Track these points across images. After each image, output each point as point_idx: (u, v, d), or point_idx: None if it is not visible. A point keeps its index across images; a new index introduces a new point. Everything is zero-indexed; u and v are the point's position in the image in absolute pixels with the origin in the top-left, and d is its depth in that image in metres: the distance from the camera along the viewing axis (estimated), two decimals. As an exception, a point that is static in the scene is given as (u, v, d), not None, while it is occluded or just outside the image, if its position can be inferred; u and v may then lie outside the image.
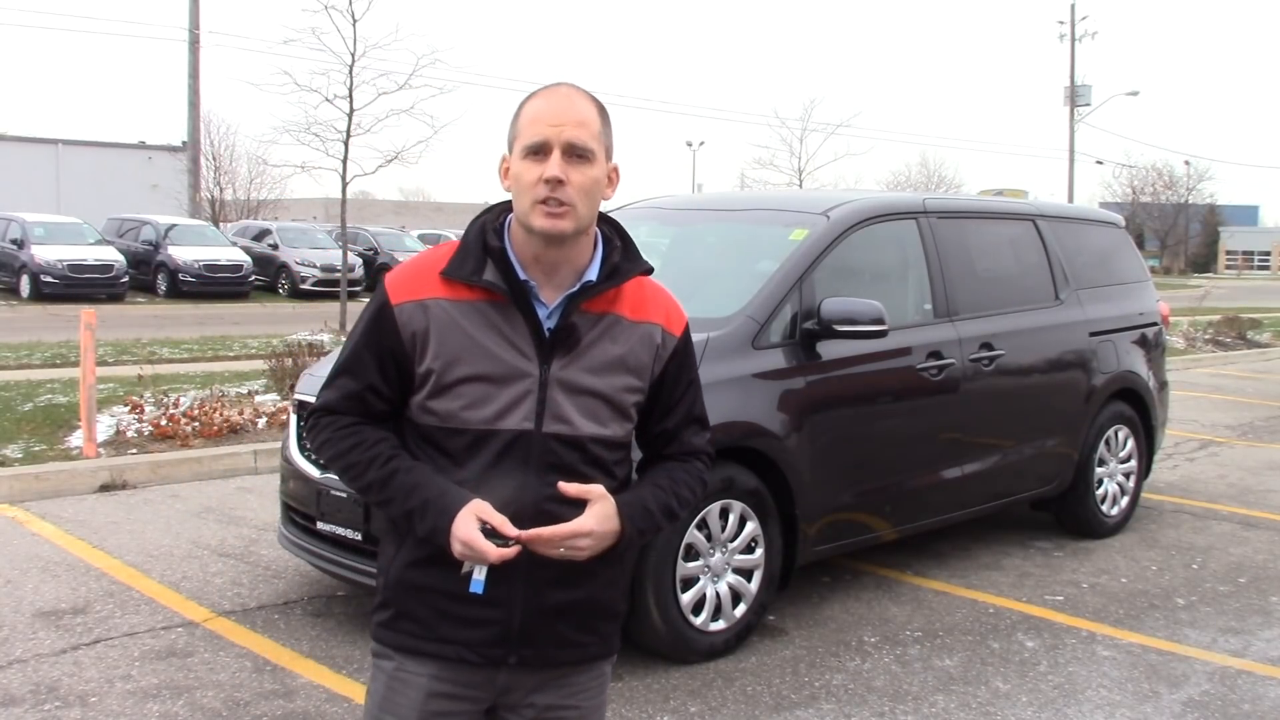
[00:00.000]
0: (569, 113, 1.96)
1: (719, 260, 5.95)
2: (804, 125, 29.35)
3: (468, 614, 2.00)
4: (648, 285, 2.13)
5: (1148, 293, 7.46)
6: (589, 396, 2.02)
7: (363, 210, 49.50)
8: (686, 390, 2.17)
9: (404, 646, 2.05)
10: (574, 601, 2.04)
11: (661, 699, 4.28)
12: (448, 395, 1.99)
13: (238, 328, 18.94)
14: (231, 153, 40.80)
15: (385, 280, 2.05)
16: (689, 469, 2.16)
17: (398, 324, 1.99)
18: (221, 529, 6.46)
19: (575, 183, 1.94)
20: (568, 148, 1.94)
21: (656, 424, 2.15)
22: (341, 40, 13.32)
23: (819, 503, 5.04)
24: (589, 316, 2.02)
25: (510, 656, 2.03)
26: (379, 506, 2.06)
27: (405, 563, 2.04)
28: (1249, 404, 12.70)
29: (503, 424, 1.98)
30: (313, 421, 2.10)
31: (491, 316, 1.99)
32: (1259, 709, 4.31)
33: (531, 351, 1.99)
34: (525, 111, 2.00)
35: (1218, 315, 21.72)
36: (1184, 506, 7.59)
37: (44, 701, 4.11)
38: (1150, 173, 73.96)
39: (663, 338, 2.10)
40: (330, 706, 4.15)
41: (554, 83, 2.06)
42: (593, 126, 1.98)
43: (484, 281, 1.98)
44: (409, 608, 2.04)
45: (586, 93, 2.02)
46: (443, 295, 1.99)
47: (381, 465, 2.00)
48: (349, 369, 2.06)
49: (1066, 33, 48.50)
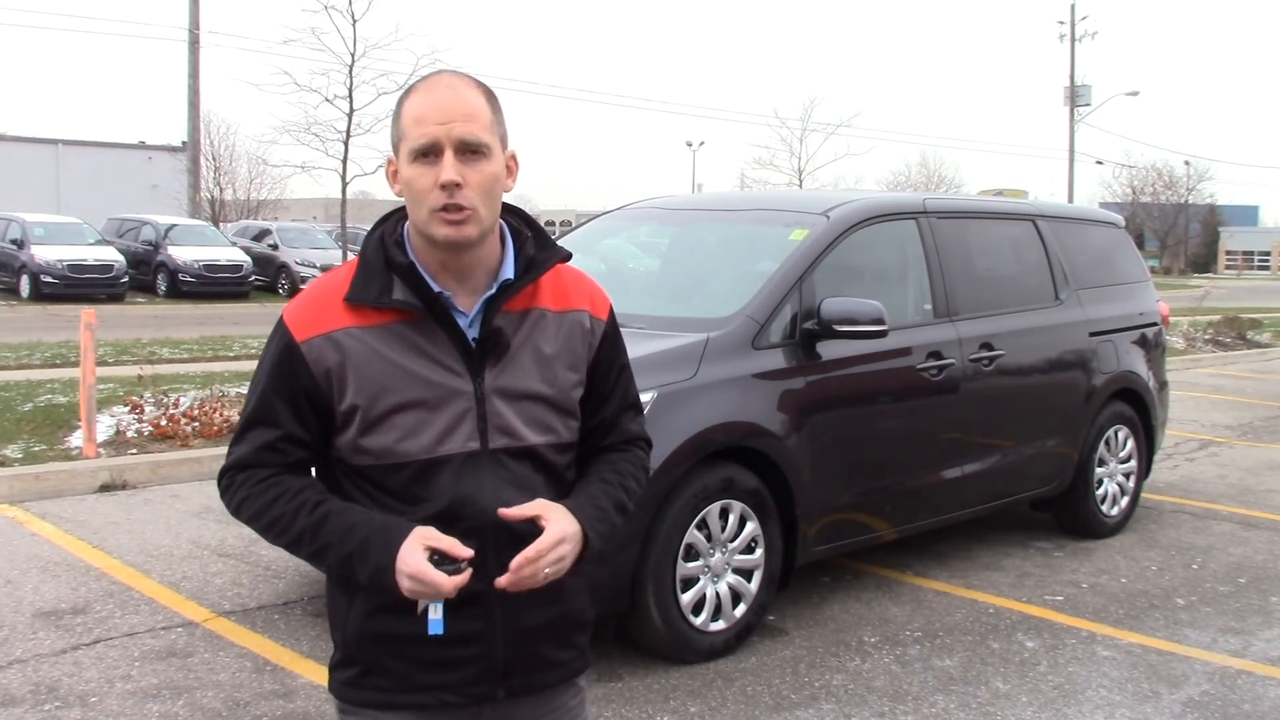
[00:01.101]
0: (456, 106, 1.78)
1: (719, 260, 5.95)
2: (804, 125, 29.48)
3: (446, 656, 1.84)
4: (565, 272, 1.97)
5: (1148, 293, 7.46)
6: (531, 401, 1.88)
7: (363, 210, 49.39)
8: (620, 376, 2.03)
9: (376, 703, 1.89)
10: (552, 619, 1.92)
11: (661, 699, 4.28)
12: (379, 430, 1.81)
13: (238, 328, 18.93)
14: (231, 153, 40.85)
15: (284, 316, 1.86)
16: (631, 458, 2.04)
17: (308, 362, 1.81)
18: (221, 529, 6.46)
19: (473, 183, 1.78)
20: (460, 145, 1.77)
21: (594, 415, 2.00)
22: (341, 40, 13.38)
23: (819, 503, 5.04)
24: (512, 316, 1.87)
25: (498, 690, 1.89)
26: (313, 559, 1.86)
27: (365, 612, 1.86)
28: (1249, 404, 12.70)
29: (444, 449, 1.82)
30: (226, 481, 1.90)
31: (410, 337, 1.82)
32: (1259, 709, 4.31)
33: (460, 366, 1.83)
34: (407, 109, 1.81)
35: (1218, 315, 21.72)
36: (1184, 506, 7.59)
37: (44, 701, 4.11)
38: (1150, 173, 73.99)
39: (591, 323, 1.96)
40: (330, 707, 4.14)
41: (433, 73, 1.88)
42: (483, 118, 1.81)
43: (394, 301, 1.81)
44: (377, 661, 1.87)
45: (472, 79, 1.85)
46: (352, 324, 1.81)
47: (310, 511, 1.82)
48: (260, 419, 1.86)
49: (1066, 33, 48.58)
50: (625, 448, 2.05)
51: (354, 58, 13.04)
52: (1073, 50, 48.44)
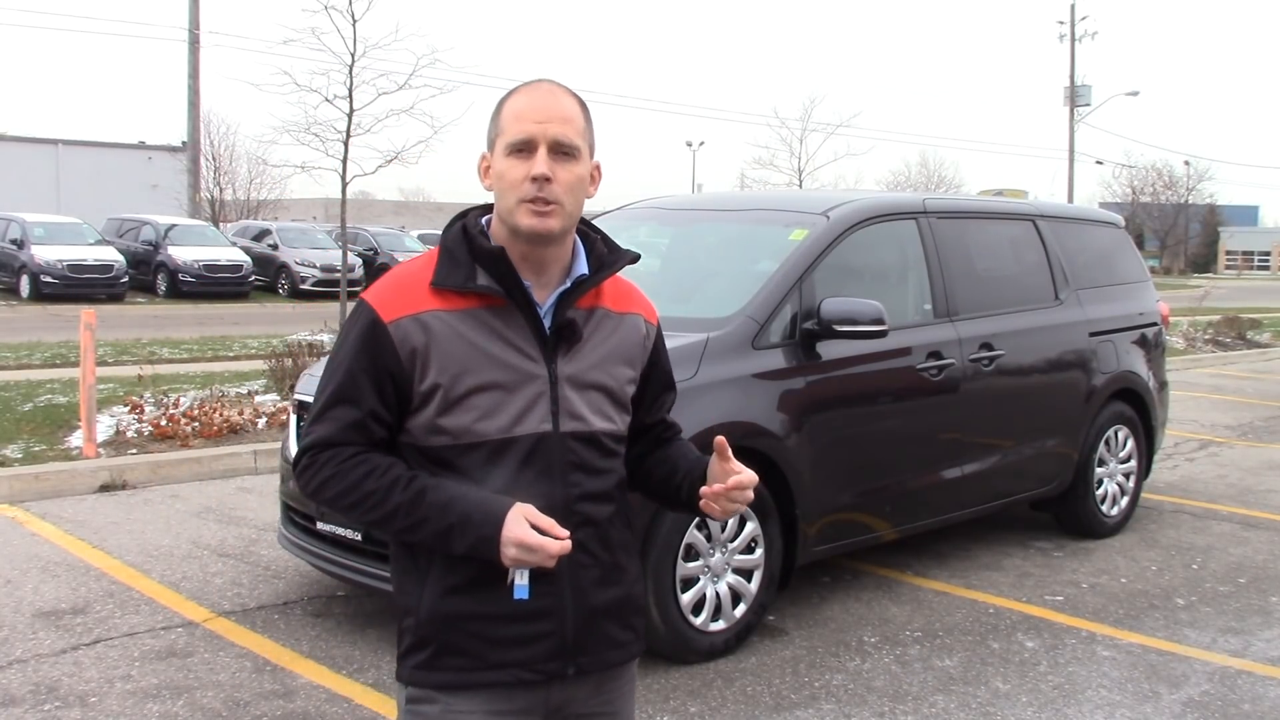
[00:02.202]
0: (554, 109, 1.92)
1: (719, 260, 5.95)
2: (804, 125, 29.37)
3: (520, 633, 1.92)
4: (620, 279, 2.10)
5: (1148, 293, 7.46)
6: (595, 391, 1.99)
7: (363, 210, 49.49)
8: (667, 378, 2.20)
9: (451, 684, 1.94)
10: (615, 600, 2.02)
11: (661, 699, 4.28)
12: (458, 410, 1.90)
13: (238, 328, 18.94)
14: (231, 153, 40.80)
15: (367, 299, 1.94)
16: (691, 447, 2.20)
17: (394, 340, 1.89)
18: (221, 529, 6.46)
19: (562, 180, 1.90)
20: (554, 145, 1.89)
21: (651, 412, 2.16)
22: (341, 40, 13.27)
23: (819, 503, 5.04)
24: (580, 312, 2.00)
25: (568, 667, 1.96)
26: (405, 533, 1.91)
27: (439, 593, 1.93)
28: (1249, 404, 12.70)
29: (520, 429, 1.92)
30: (308, 460, 1.94)
31: (492, 322, 1.92)
32: (1259, 709, 4.31)
33: (537, 352, 1.94)
34: (508, 108, 1.94)
35: (1218, 315, 21.71)
36: (1184, 506, 7.59)
37: (44, 701, 4.11)
38: (1150, 173, 73.98)
39: (646, 328, 2.11)
40: (330, 706, 4.15)
41: (535, 79, 2.00)
42: (577, 123, 1.94)
43: (479, 287, 1.91)
44: (453, 641, 1.93)
45: (569, 89, 1.97)
46: (438, 307, 1.91)
47: (404, 487, 1.88)
48: (345, 397, 1.92)
49: (1066, 33, 48.54)
50: (680, 440, 2.22)
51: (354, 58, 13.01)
52: (1073, 50, 48.44)
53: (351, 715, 4.08)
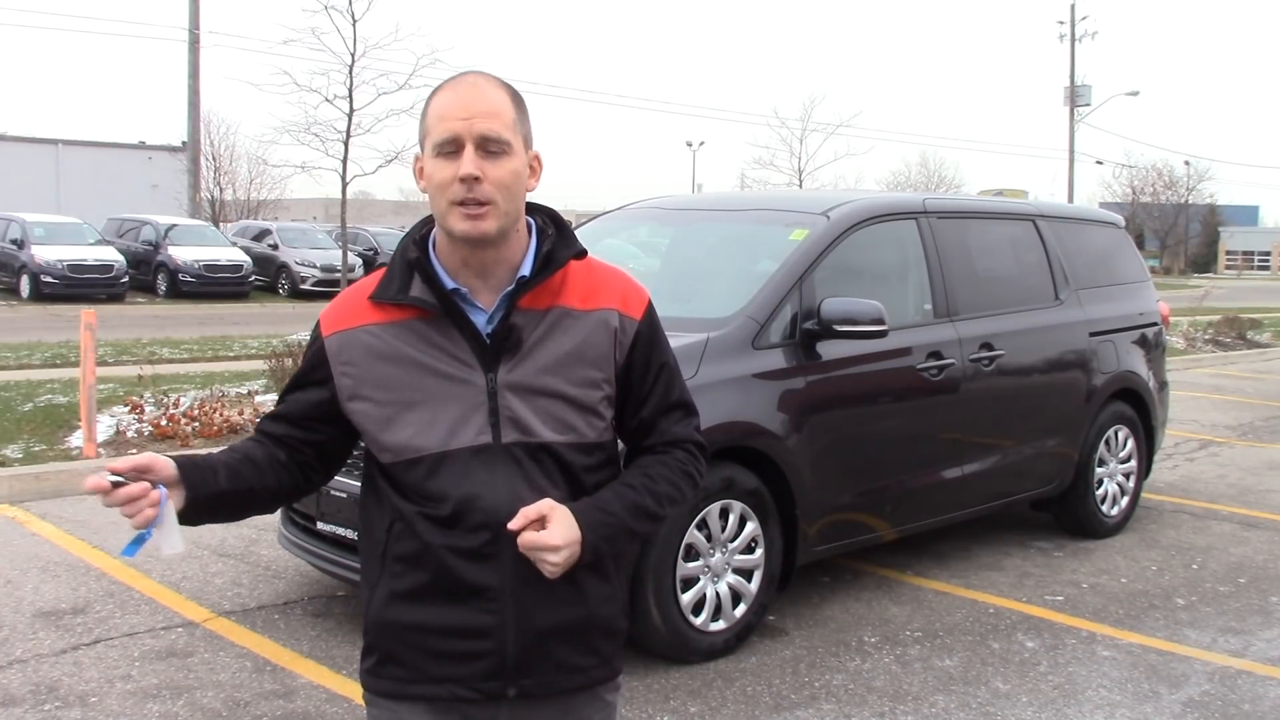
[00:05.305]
0: (478, 103, 1.81)
1: (719, 260, 5.95)
2: (804, 125, 29.45)
3: (458, 648, 1.87)
4: (598, 270, 1.97)
5: (1148, 293, 7.46)
6: (547, 398, 1.87)
7: (363, 210, 49.48)
8: (659, 376, 2.01)
9: (392, 693, 1.92)
10: (569, 621, 1.90)
11: (661, 699, 4.28)
12: (395, 425, 1.86)
13: (238, 328, 18.94)
14: (231, 153, 40.89)
15: (322, 313, 1.97)
16: (666, 461, 2.00)
17: (327, 355, 1.90)
18: (221, 529, 6.45)
19: (493, 178, 1.80)
20: (480, 141, 1.79)
21: (632, 416, 2.00)
22: (341, 40, 13.34)
23: (819, 503, 5.04)
24: (533, 314, 1.88)
25: (509, 688, 1.89)
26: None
27: (384, 599, 1.90)
28: (1249, 404, 12.70)
29: (456, 443, 1.84)
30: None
31: (427, 333, 1.86)
32: (1259, 709, 4.31)
33: (473, 360, 1.85)
34: (433, 106, 1.84)
35: (1218, 315, 21.70)
36: (1184, 506, 7.59)
37: (44, 701, 4.11)
38: (1150, 173, 73.91)
39: (620, 322, 1.94)
40: (330, 706, 4.15)
41: (461, 72, 1.90)
42: (505, 116, 1.83)
43: (411, 299, 1.86)
44: (394, 651, 1.91)
45: (497, 79, 1.87)
46: (374, 320, 1.88)
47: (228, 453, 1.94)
48: (281, 396, 2.02)
49: (1066, 33, 48.57)
50: (665, 450, 2.02)
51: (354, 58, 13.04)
52: (1073, 50, 48.45)
53: (351, 715, 4.08)
